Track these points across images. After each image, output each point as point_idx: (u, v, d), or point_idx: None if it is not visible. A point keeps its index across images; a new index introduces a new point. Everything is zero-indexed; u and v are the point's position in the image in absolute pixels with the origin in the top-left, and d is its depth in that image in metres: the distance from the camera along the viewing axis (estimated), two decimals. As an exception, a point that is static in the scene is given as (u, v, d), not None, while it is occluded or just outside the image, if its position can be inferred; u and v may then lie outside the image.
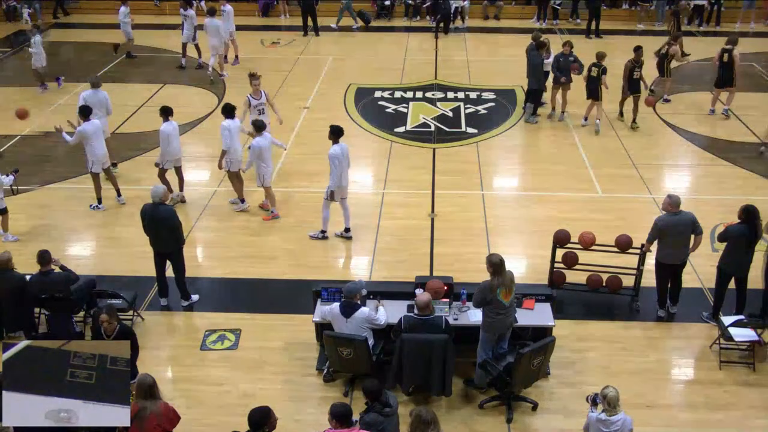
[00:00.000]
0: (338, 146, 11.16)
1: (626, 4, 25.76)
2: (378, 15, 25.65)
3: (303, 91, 18.20)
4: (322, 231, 11.66)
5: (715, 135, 15.66)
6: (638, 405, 8.30)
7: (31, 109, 16.66)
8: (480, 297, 8.12)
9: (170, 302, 10.20)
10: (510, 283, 8.10)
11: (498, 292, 8.03)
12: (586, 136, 15.56)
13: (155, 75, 19.56)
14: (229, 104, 12.36)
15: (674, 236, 9.38)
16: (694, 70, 19.86)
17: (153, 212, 9.67)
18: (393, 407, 7.10)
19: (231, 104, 12.38)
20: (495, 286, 8.03)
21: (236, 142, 12.18)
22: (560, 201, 12.89)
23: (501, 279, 8.04)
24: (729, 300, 9.63)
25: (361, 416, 7.00)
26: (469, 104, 17.55)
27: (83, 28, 24.49)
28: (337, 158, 11.12)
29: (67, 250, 11.42)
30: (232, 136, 12.09)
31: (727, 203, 12.36)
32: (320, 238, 11.68)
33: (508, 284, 8.08)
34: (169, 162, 12.55)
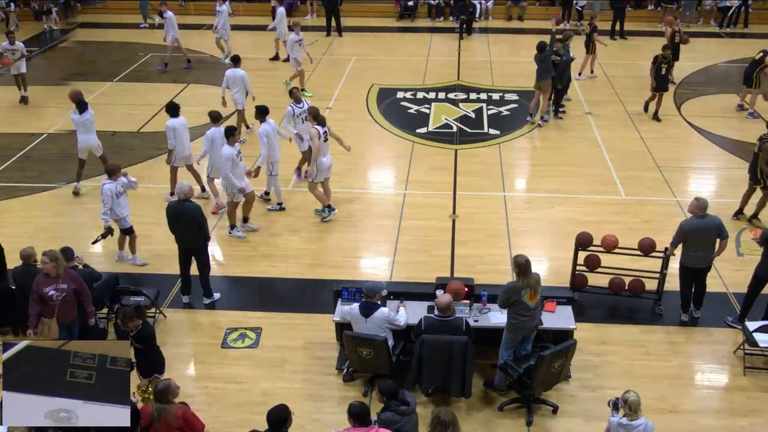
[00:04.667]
0: (267, 124, 11.96)
1: (651, 4, 25.54)
2: (401, 15, 25.67)
3: (325, 92, 18.25)
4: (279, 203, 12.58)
5: (741, 138, 15.46)
6: (660, 410, 8.21)
7: (53, 108, 17.03)
8: (505, 298, 8.09)
9: (192, 300, 10.28)
10: (535, 284, 8.06)
11: (523, 294, 7.99)
12: (610, 138, 15.44)
13: (180, 75, 19.70)
14: (173, 102, 12.60)
15: (699, 240, 9.27)
16: (721, 72, 19.62)
17: (178, 209, 9.77)
18: (411, 406, 7.10)
19: (175, 102, 12.64)
20: (520, 288, 7.99)
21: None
22: (583, 203, 12.80)
23: (526, 280, 8.00)
24: (755, 306, 9.50)
25: (378, 415, 7.00)
26: (492, 105, 17.49)
27: (108, 28, 24.75)
28: (266, 135, 11.86)
29: (91, 247, 11.53)
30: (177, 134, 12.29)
31: (753, 207, 12.17)
32: (278, 209, 12.53)
33: (534, 285, 8.04)
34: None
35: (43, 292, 8.24)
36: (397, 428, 6.88)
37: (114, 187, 10.47)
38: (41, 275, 8.34)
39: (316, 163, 11.70)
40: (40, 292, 8.24)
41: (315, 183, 11.98)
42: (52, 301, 8.26)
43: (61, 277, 8.30)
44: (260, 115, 12.09)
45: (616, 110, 17.00)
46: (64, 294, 8.32)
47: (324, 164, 11.86)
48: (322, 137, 11.66)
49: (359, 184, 13.55)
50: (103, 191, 10.44)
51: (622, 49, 22.18)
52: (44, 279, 8.30)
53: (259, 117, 12.10)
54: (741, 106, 16.79)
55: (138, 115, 16.70)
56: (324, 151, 11.79)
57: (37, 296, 8.25)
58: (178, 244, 10.00)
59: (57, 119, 16.38)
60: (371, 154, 15.09)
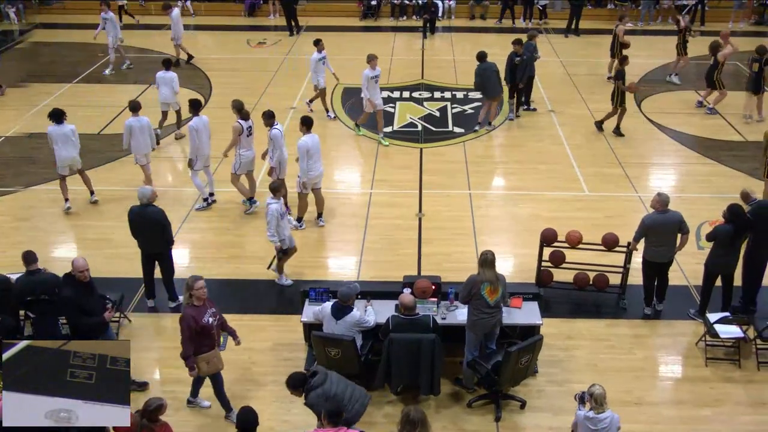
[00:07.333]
0: (198, 119, 12.17)
1: (611, 4, 25.87)
2: (364, 15, 25.65)
3: (289, 91, 18.15)
4: (205, 199, 12.67)
5: (700, 134, 15.76)
6: (626, 402, 8.35)
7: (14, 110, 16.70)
8: (465, 291, 8.17)
9: (157, 303, 10.15)
10: (496, 281, 8.10)
11: (483, 288, 8.04)
12: (573, 135, 15.62)
13: (142, 75, 19.42)
14: (196, 99, 12.62)
15: (661, 234, 9.44)
16: (680, 69, 19.95)
17: (141, 213, 9.62)
18: (319, 372, 7.04)
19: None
20: (480, 281, 8.05)
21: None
22: (547, 200, 12.93)
23: (486, 274, 8.06)
24: (714, 298, 9.70)
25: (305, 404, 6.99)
26: (456, 104, 17.58)
27: (67, 29, 24.31)
28: (196, 130, 12.06)
29: (53, 252, 11.33)
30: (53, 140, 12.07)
31: (713, 202, 12.45)
32: (205, 207, 12.64)
33: (493, 281, 8.08)
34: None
35: (203, 324, 7.60)
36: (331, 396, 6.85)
37: (279, 207, 9.91)
38: (190, 308, 7.61)
39: (239, 155, 12.12)
40: (200, 325, 7.59)
41: (237, 175, 12.28)
42: (213, 329, 7.75)
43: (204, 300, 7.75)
44: (193, 109, 12.24)
45: (578, 108, 17.21)
46: (218, 316, 7.88)
47: (247, 157, 12.18)
48: (245, 131, 12.00)
49: (325, 183, 13.43)
50: (269, 211, 9.79)
51: (581, 46, 22.47)
52: (196, 310, 7.62)
53: (192, 111, 12.26)
54: (701, 103, 17.11)
55: (98, 117, 16.43)
56: (247, 146, 12.14)
57: (195, 331, 7.58)
58: (140, 249, 9.85)
59: (15, 121, 16.06)
60: (336, 153, 15.06)
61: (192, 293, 7.60)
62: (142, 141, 12.71)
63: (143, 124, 12.70)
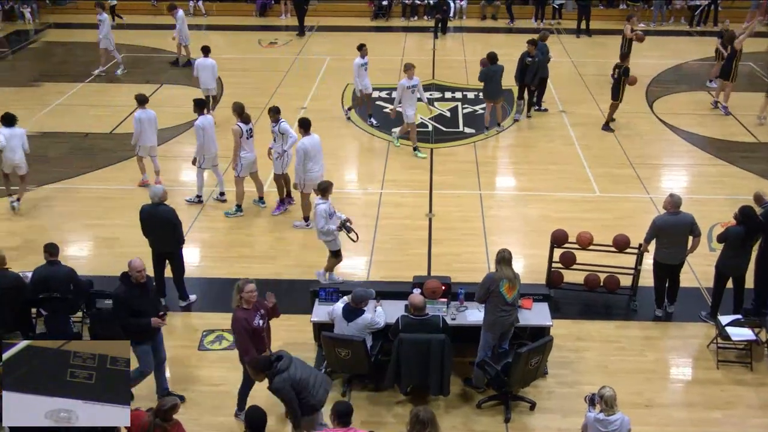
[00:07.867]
0: (203, 117, 12.20)
1: (623, 4, 25.76)
2: (375, 15, 25.66)
3: (300, 92, 18.18)
4: (198, 196, 12.75)
5: (712, 135, 15.67)
6: (636, 404, 8.31)
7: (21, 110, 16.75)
8: (483, 289, 8.16)
9: (168, 302, 10.17)
10: (513, 279, 8.13)
11: (501, 285, 8.04)
12: (584, 136, 15.56)
13: (153, 75, 19.51)
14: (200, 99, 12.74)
15: (672, 236, 9.40)
16: (692, 70, 19.88)
17: (152, 212, 9.65)
18: (284, 356, 6.98)
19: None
20: (498, 278, 8.06)
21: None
22: (558, 200, 12.89)
23: (504, 271, 8.08)
24: (726, 300, 9.64)
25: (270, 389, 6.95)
26: (467, 104, 17.55)
27: (80, 28, 24.41)
28: (203, 129, 12.12)
29: (63, 250, 11.34)
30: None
31: (725, 203, 12.37)
32: (196, 202, 12.71)
33: (512, 279, 8.10)
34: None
35: (255, 326, 7.54)
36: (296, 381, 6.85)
37: (327, 207, 9.91)
38: (241, 311, 7.54)
39: (240, 158, 12.05)
40: (252, 327, 7.51)
41: (241, 178, 12.26)
42: (263, 332, 7.71)
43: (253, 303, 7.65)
44: (198, 108, 12.28)
45: (590, 108, 17.15)
46: (266, 318, 7.83)
47: (248, 159, 12.15)
48: (245, 134, 11.96)
49: (336, 183, 13.38)
50: (318, 212, 9.81)
51: (590, 46, 22.40)
52: (246, 312, 7.54)
53: (197, 110, 12.29)
54: (716, 103, 16.98)
55: (110, 116, 16.51)
56: (248, 148, 12.10)
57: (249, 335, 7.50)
58: (151, 248, 9.89)
59: (27, 120, 16.14)
60: (347, 153, 15.07)
61: (242, 296, 7.55)
62: (150, 133, 12.80)
63: (151, 117, 12.79)
